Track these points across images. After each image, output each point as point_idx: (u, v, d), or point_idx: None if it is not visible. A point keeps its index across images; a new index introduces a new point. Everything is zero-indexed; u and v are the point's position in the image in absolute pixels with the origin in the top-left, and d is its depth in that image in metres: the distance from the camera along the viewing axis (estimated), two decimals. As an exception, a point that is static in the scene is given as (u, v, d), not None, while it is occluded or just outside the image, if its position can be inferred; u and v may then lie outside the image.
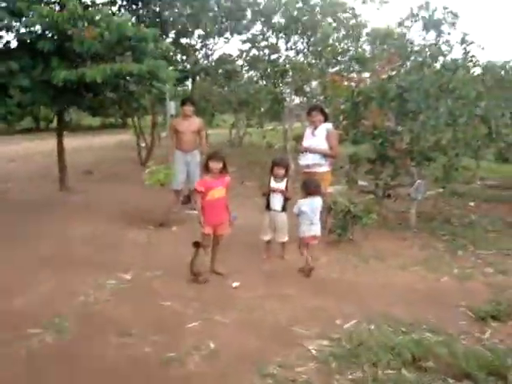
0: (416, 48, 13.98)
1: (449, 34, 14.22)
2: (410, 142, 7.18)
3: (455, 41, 13.67)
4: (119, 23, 8.08)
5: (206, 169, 5.46)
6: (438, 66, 11.40)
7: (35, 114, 32.49)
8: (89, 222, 7.99)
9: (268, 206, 6.12)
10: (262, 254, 6.22)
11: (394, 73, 7.67)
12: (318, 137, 6.90)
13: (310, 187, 5.87)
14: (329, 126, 6.95)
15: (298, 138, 16.78)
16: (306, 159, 7.00)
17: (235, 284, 5.29)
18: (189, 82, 16.50)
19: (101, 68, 7.86)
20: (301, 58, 12.25)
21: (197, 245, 5.39)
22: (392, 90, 7.39)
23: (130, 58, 8.77)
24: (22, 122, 32.61)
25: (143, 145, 15.05)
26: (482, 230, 7.72)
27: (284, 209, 6.09)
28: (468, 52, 11.33)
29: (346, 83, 7.63)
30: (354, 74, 10.55)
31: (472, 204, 9.72)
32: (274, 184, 6.04)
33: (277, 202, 6.05)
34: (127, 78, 8.98)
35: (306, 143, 7.01)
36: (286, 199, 6.07)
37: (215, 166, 5.37)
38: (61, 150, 10.84)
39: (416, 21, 14.51)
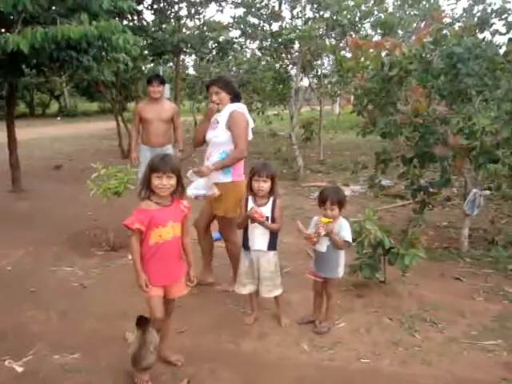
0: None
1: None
2: (468, 135, 4.88)
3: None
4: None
5: (146, 186, 3.19)
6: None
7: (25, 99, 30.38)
8: (19, 243, 5.84)
9: (246, 244, 3.84)
10: (245, 317, 3.98)
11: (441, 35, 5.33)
12: (219, 126, 4.34)
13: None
14: (236, 106, 4.37)
15: (308, 125, 14.55)
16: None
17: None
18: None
19: (29, 32, 5.62)
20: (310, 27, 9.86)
21: (144, 323, 3.14)
22: (440, 60, 5.09)
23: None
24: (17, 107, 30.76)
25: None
26: None
27: (272, 246, 3.81)
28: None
29: (372, 50, 5.29)
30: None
31: (535, 214, 7.40)
32: (253, 207, 3.72)
33: (259, 236, 3.75)
34: (77, 47, 6.71)
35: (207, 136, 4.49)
36: (273, 232, 3.79)
37: (163, 181, 3.08)
38: (12, 142, 8.64)
39: (448, -16, 12.06)
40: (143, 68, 13.81)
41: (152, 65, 17.77)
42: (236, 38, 11.75)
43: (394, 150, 5.95)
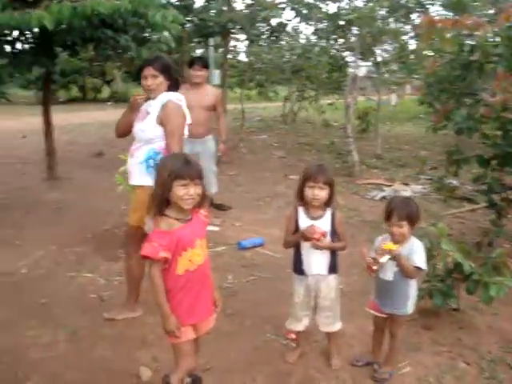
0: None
1: None
2: None
3: None
4: None
5: (163, 199, 2.43)
6: None
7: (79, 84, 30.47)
8: (42, 240, 5.36)
9: (299, 267, 3.06)
10: (287, 352, 3.25)
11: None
12: (149, 118, 3.47)
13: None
14: (172, 96, 3.50)
15: (364, 116, 13.59)
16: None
17: None
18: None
19: (54, 8, 5.01)
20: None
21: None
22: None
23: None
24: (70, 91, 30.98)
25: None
26: None
27: (333, 268, 3.04)
28: None
29: (449, 29, 4.42)
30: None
31: None
32: (306, 222, 2.93)
33: (316, 256, 2.96)
34: (113, 25, 6.12)
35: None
36: (334, 251, 3.02)
37: (190, 191, 2.37)
38: (48, 129, 8.17)
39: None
40: (191, 53, 13.16)
41: (202, 50, 17.14)
42: (289, 20, 10.91)
43: (465, 147, 5.10)
